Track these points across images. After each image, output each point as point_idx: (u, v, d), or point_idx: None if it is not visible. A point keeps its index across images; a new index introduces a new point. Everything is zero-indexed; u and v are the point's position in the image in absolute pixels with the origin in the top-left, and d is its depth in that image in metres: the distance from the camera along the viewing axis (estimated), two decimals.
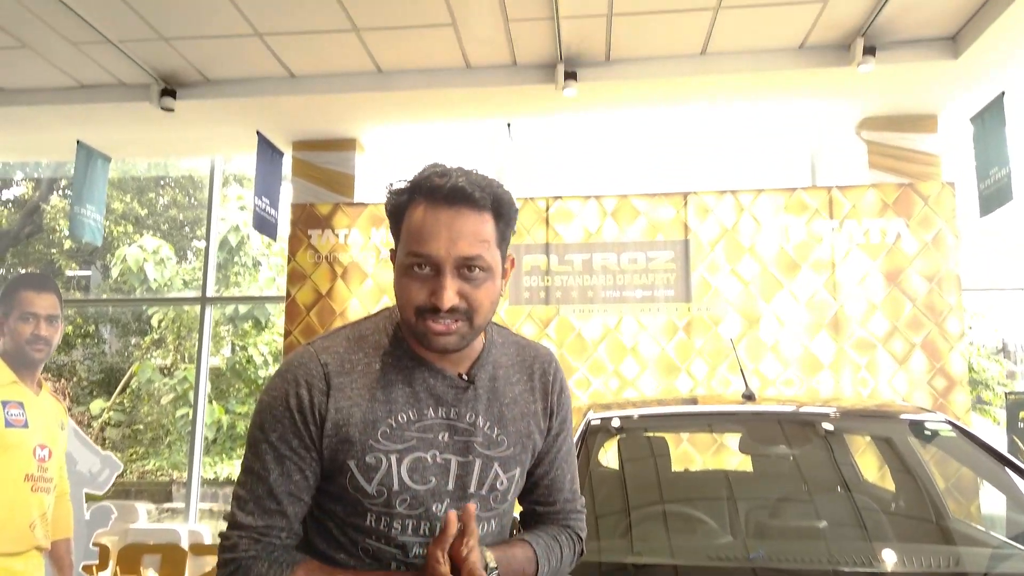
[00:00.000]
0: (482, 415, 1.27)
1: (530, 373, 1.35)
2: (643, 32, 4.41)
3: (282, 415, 1.19)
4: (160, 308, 11.19)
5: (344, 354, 1.24)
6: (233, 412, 11.08)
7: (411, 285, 1.18)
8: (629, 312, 5.13)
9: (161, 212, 13.40)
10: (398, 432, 1.21)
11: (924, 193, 5.00)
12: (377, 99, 4.99)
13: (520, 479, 1.33)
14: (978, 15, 4.19)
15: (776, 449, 2.31)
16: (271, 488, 1.18)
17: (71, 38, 4.45)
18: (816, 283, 5.01)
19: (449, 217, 1.16)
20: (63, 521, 2.62)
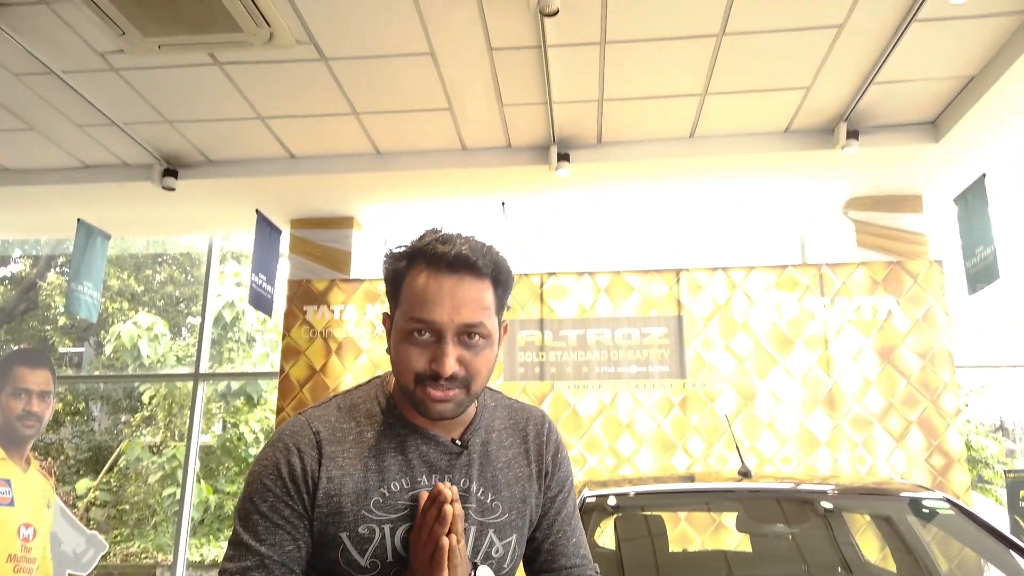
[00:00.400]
0: (476, 481, 1.24)
1: (523, 436, 1.33)
2: (633, 116, 4.56)
3: (274, 484, 1.16)
4: (152, 385, 11.10)
5: (336, 423, 1.22)
6: (222, 491, 10.84)
7: (411, 351, 1.16)
8: (624, 388, 5.11)
9: (157, 289, 13.44)
10: (391, 501, 1.18)
11: (913, 271, 5.07)
12: (375, 179, 5.11)
13: (518, 547, 1.29)
14: (956, 101, 4.36)
15: (774, 528, 2.27)
16: (262, 559, 1.14)
17: (77, 121, 4.58)
18: (810, 359, 5.02)
19: (452, 284, 1.15)
20: None
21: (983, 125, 4.34)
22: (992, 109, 4.17)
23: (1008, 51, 3.82)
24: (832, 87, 4.24)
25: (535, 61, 3.97)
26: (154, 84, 4.20)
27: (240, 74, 4.10)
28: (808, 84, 4.22)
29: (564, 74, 4.09)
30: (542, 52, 3.83)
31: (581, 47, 3.87)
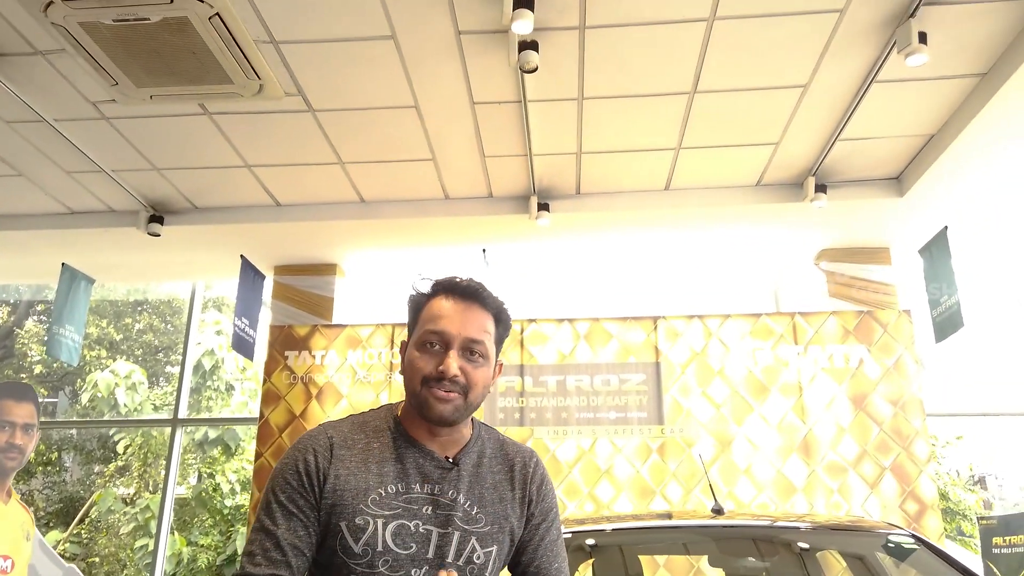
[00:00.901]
0: (463, 494, 1.41)
1: (511, 465, 1.51)
2: (610, 168, 4.72)
3: (292, 477, 1.37)
4: (127, 434, 10.93)
5: (348, 433, 1.45)
6: (195, 544, 10.61)
7: (422, 358, 1.41)
8: (603, 434, 5.16)
9: (136, 337, 13.35)
10: (386, 500, 1.37)
11: (883, 320, 5.22)
12: (359, 226, 5.21)
13: (498, 559, 1.43)
14: (918, 157, 4.57)
15: (746, 562, 2.32)
16: (278, 541, 1.33)
17: (66, 167, 4.66)
18: (785, 406, 5.11)
19: (463, 308, 1.43)
20: None
21: (944, 180, 4.53)
22: (952, 165, 4.37)
23: (964, 111, 4.03)
24: (800, 143, 4.43)
25: (516, 115, 4.13)
26: (144, 132, 4.30)
27: (229, 124, 4.22)
28: (777, 140, 4.41)
29: (544, 128, 4.25)
30: (522, 107, 3.99)
31: (560, 102, 4.03)
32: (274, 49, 3.58)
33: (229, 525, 11.17)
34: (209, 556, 10.78)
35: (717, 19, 3.41)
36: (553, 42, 3.51)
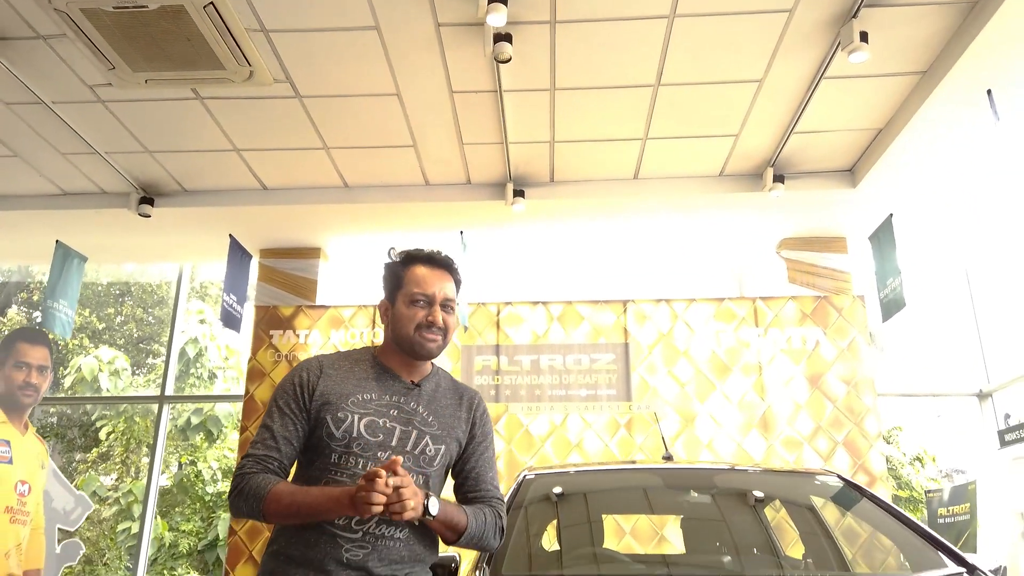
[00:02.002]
0: (422, 406, 1.88)
1: (461, 395, 1.99)
2: (582, 157, 4.99)
3: (289, 388, 1.84)
4: (109, 421, 11.06)
5: (335, 360, 1.92)
6: (177, 529, 10.76)
7: (415, 311, 1.87)
8: (574, 410, 5.43)
9: (118, 327, 13.45)
10: (362, 404, 1.82)
11: (838, 305, 5.54)
12: (343, 211, 5.44)
13: (445, 455, 1.87)
14: (869, 150, 4.88)
15: (690, 496, 2.61)
16: (273, 432, 1.80)
17: (61, 149, 4.86)
18: (746, 385, 5.41)
19: (439, 275, 1.92)
20: (36, 552, 2.76)
21: (893, 171, 4.85)
22: (899, 157, 4.69)
23: (908, 106, 4.35)
24: (758, 136, 4.73)
25: (492, 104, 4.39)
26: (138, 116, 4.52)
27: (219, 108, 4.44)
28: (736, 132, 4.70)
29: (519, 116, 4.51)
30: (498, 96, 4.25)
31: (533, 92, 4.30)
32: (264, 37, 3.82)
33: (211, 512, 11.33)
34: (190, 541, 10.93)
35: (677, 16, 3.69)
36: (526, 35, 3.77)
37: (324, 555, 1.68)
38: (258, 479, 1.71)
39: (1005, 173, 4.70)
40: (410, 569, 1.75)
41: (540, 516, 2.58)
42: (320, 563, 1.68)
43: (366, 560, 1.69)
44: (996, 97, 3.79)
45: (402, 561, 1.73)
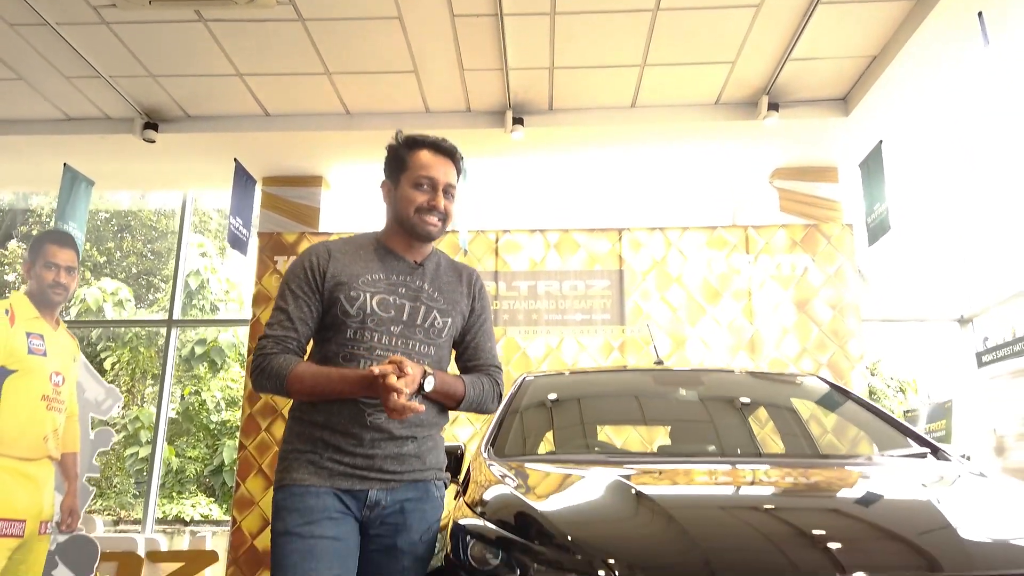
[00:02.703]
0: (427, 283, 1.99)
1: (460, 274, 2.09)
2: (581, 84, 5.07)
3: (300, 272, 1.94)
4: (114, 351, 11.29)
5: (341, 245, 2.01)
6: (184, 456, 11.11)
7: (417, 194, 1.94)
8: (570, 334, 5.63)
9: (119, 262, 13.58)
10: (372, 283, 1.93)
11: (827, 233, 5.69)
12: (344, 138, 5.53)
13: (452, 327, 1.99)
14: (862, 78, 4.97)
15: (679, 393, 2.81)
16: (289, 314, 1.91)
17: (65, 72, 4.91)
18: (735, 310, 5.60)
19: (443, 161, 1.98)
20: (71, 437, 2.98)
21: (885, 100, 4.95)
22: (892, 85, 4.78)
23: (902, 32, 4.42)
24: (754, 63, 4.81)
25: (493, 29, 4.45)
26: (141, 38, 4.56)
27: (222, 31, 4.49)
28: (733, 59, 4.77)
29: (519, 42, 4.57)
30: (499, 20, 4.31)
31: (533, 16, 4.36)
32: None
33: (215, 439, 11.68)
34: (197, 467, 11.31)
35: None
36: None
37: (349, 420, 1.83)
38: (279, 359, 1.83)
39: (992, 98, 4.80)
40: (428, 432, 1.92)
41: (539, 411, 2.78)
42: (346, 427, 1.82)
43: (389, 422, 1.83)
44: (987, 19, 3.86)
45: (421, 424, 1.88)
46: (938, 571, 1.34)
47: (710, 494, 1.85)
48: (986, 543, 1.45)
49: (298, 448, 1.85)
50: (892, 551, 1.42)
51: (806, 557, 1.40)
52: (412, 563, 1.82)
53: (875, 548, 1.44)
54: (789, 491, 1.85)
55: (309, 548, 1.72)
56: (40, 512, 2.74)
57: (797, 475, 1.99)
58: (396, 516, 1.83)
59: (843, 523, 1.54)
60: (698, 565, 1.37)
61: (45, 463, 2.77)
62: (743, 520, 1.60)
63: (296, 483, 1.80)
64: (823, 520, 1.57)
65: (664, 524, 1.53)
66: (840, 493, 1.84)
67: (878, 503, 1.72)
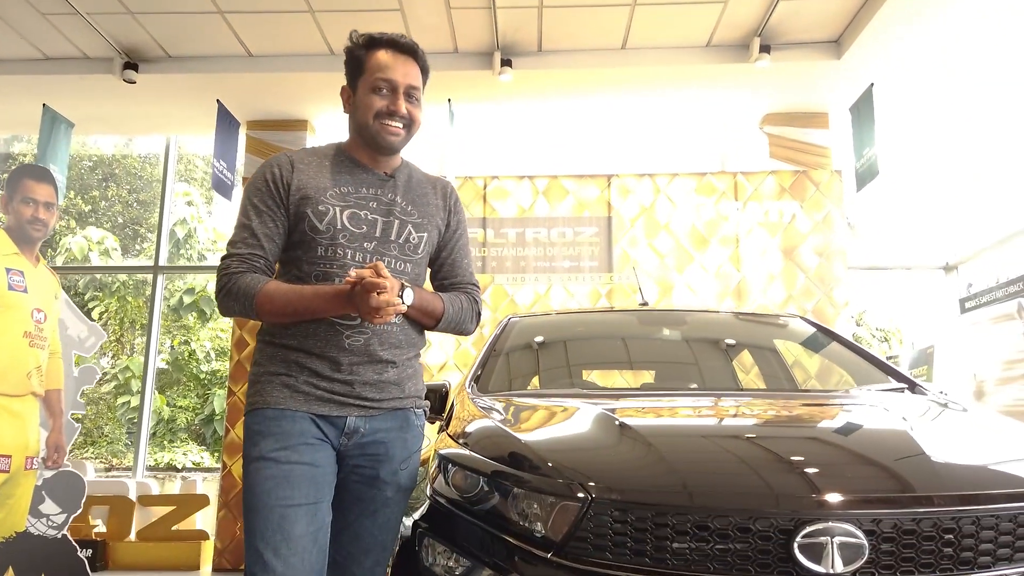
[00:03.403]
0: (400, 196, 1.85)
1: (435, 186, 1.95)
2: (570, 25, 4.97)
3: (261, 185, 1.77)
4: (102, 300, 11.25)
5: (304, 155, 1.84)
6: (174, 405, 11.18)
7: (375, 98, 1.76)
8: (558, 281, 5.64)
9: (104, 210, 13.43)
10: (341, 196, 1.78)
11: (816, 180, 5.68)
12: (329, 80, 5.41)
13: (428, 243, 1.87)
14: (855, 20, 4.89)
15: (663, 332, 2.83)
16: (253, 230, 1.75)
17: (40, 8, 4.76)
18: (723, 256, 5.61)
19: (403, 61, 1.79)
20: (55, 374, 2.98)
21: (878, 42, 4.88)
22: (885, 27, 4.71)
23: None
24: (745, 3, 4.71)
25: None
26: None
27: None
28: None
29: None
30: None
31: None
32: None
33: (206, 389, 11.74)
34: (188, 416, 11.39)
35: None
36: None
37: (325, 343, 1.71)
38: (246, 278, 1.68)
39: (982, 44, 4.75)
40: (407, 355, 1.82)
41: (524, 350, 2.80)
42: (322, 349, 1.71)
43: (367, 344, 1.73)
44: None
45: (400, 346, 1.78)
46: (908, 492, 1.37)
47: (688, 423, 1.87)
48: (953, 464, 1.48)
49: (271, 370, 1.73)
50: (863, 475, 1.45)
51: (779, 480, 1.42)
52: (394, 493, 1.76)
53: (847, 472, 1.47)
54: (766, 421, 1.87)
55: (284, 474, 1.63)
56: (26, 447, 2.75)
57: (775, 406, 2.02)
58: (376, 446, 1.75)
59: (816, 448, 1.56)
60: (674, 487, 1.39)
61: (29, 399, 2.77)
62: (719, 447, 1.62)
63: (270, 405, 1.68)
64: (797, 446, 1.59)
65: (641, 449, 1.55)
66: (815, 421, 1.86)
67: (851, 430, 1.75)
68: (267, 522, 1.59)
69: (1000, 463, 1.52)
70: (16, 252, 2.78)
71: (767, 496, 1.36)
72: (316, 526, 1.64)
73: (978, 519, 1.32)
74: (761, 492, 1.38)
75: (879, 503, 1.31)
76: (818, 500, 1.32)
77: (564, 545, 1.39)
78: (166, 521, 5.37)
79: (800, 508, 1.31)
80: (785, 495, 1.35)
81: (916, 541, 1.30)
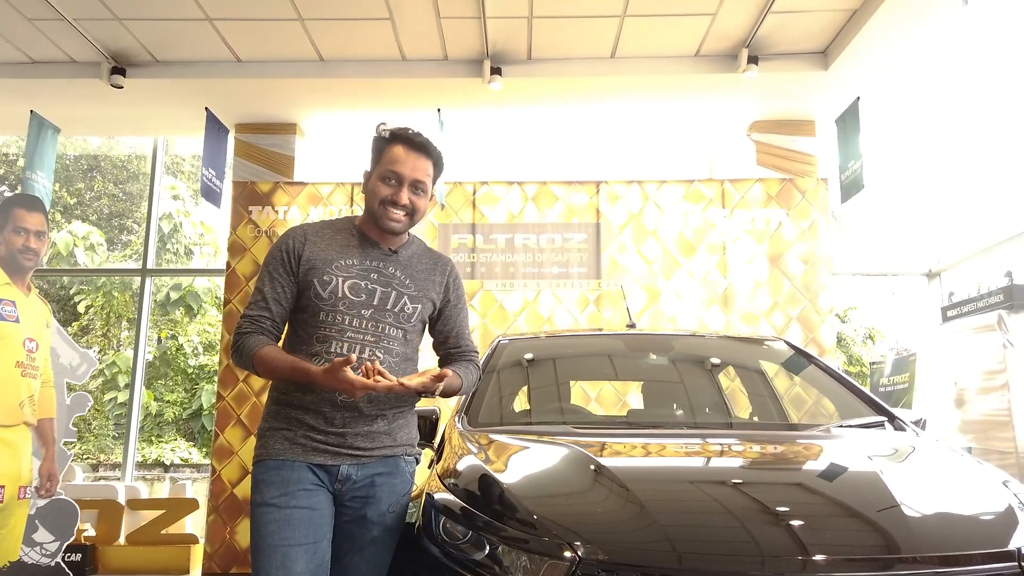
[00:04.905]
0: (400, 271, 2.06)
1: (435, 263, 2.15)
2: (560, 34, 4.98)
3: (277, 255, 2.02)
4: (87, 295, 11.19)
5: (319, 228, 2.08)
6: (162, 400, 11.16)
7: (383, 187, 2.00)
8: (546, 287, 5.68)
9: (90, 203, 13.33)
10: (345, 268, 2.00)
11: (802, 187, 5.73)
12: (318, 86, 5.42)
13: (422, 313, 2.05)
14: (842, 32, 4.93)
15: (649, 357, 2.88)
16: (264, 295, 1.99)
17: (27, 14, 4.73)
18: (710, 263, 5.67)
19: (414, 157, 2.00)
20: (47, 403, 3.00)
21: (864, 54, 4.93)
22: (872, 39, 4.75)
23: None
24: (735, 15, 4.74)
25: None
26: None
27: None
28: (714, 11, 4.71)
29: None
30: None
31: None
32: None
33: (193, 383, 11.73)
34: (175, 411, 11.38)
35: None
36: None
37: (319, 399, 1.91)
38: (251, 340, 1.92)
39: (968, 58, 4.81)
40: (397, 408, 1.99)
41: (513, 374, 2.84)
42: (317, 406, 1.91)
43: (358, 402, 1.91)
44: None
45: (389, 404, 1.97)
46: (890, 553, 1.42)
47: (673, 470, 1.93)
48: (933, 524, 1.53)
49: (274, 426, 1.94)
50: (846, 537, 1.49)
51: (765, 543, 1.47)
52: (381, 532, 1.93)
53: (831, 534, 1.50)
54: (752, 470, 1.93)
55: (285, 518, 1.82)
56: (19, 477, 2.77)
57: (760, 452, 2.07)
58: (366, 489, 1.92)
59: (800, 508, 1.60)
60: (661, 549, 1.44)
61: (22, 429, 2.79)
62: (704, 501, 1.66)
63: (272, 457, 1.89)
64: (782, 503, 1.63)
65: (628, 504, 1.60)
66: (799, 473, 1.91)
67: (835, 487, 1.80)
68: (271, 561, 1.79)
69: (970, 521, 1.58)
70: (7, 282, 2.79)
71: (753, 559, 1.40)
72: (316, 563, 1.83)
73: None
74: (747, 553, 1.43)
75: (861, 566, 1.37)
76: (803, 562, 1.37)
77: None
78: (156, 525, 5.40)
79: (784, 571, 1.36)
80: (770, 557, 1.40)
81: None
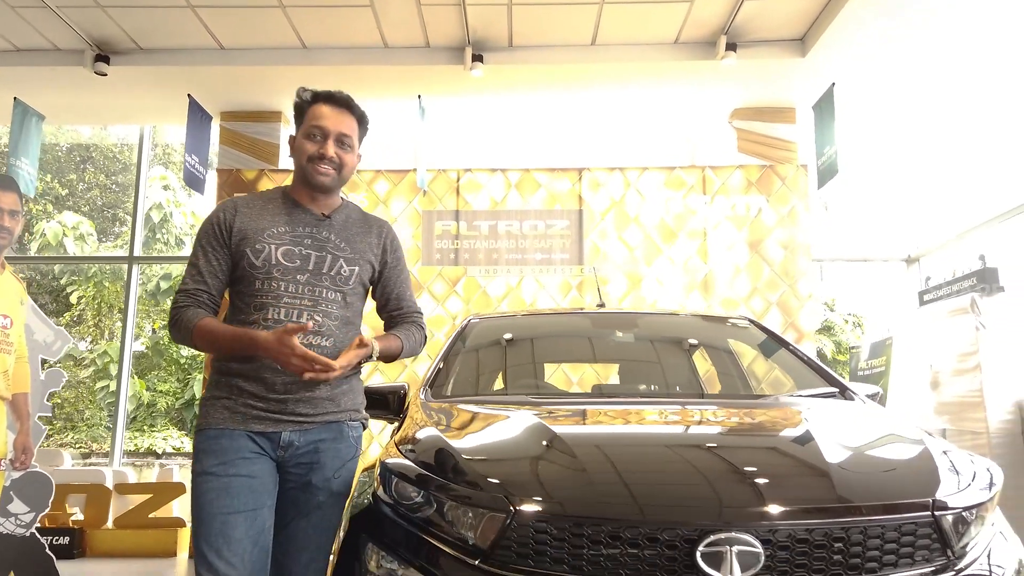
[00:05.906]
0: (333, 234, 2.04)
1: (371, 225, 2.15)
2: (541, 21, 5.02)
3: (208, 229, 2.01)
4: (79, 286, 11.24)
5: (249, 199, 2.08)
6: (154, 389, 11.22)
7: (308, 144, 2.00)
8: (529, 273, 5.74)
9: (81, 194, 13.36)
10: (277, 235, 1.99)
11: (782, 174, 5.79)
12: (302, 73, 5.45)
13: (359, 275, 2.05)
14: (819, 19, 4.98)
15: (616, 334, 2.94)
16: (199, 268, 1.99)
17: (10, 1, 4.76)
18: (690, 249, 5.73)
19: (338, 112, 2.02)
20: (22, 378, 3.05)
21: (841, 41, 4.98)
22: (849, 26, 4.81)
23: None
24: (712, 2, 4.79)
25: None
26: None
27: None
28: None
29: None
30: None
31: None
32: None
33: (186, 373, 11.79)
34: (168, 400, 11.45)
35: None
36: None
37: (260, 367, 1.89)
38: (188, 313, 1.92)
39: (944, 45, 4.86)
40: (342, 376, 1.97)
41: (482, 350, 2.90)
42: (258, 373, 1.89)
43: None
44: None
45: None
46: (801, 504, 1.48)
47: (613, 434, 1.98)
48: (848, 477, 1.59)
49: (215, 395, 1.93)
50: (763, 488, 1.53)
51: (686, 493, 1.53)
52: (327, 498, 1.94)
53: (749, 486, 1.54)
54: (686, 432, 1.99)
55: (224, 486, 1.82)
56: None
57: (700, 416, 2.13)
58: (311, 455, 1.92)
59: (723, 463, 1.65)
60: (589, 500, 1.50)
61: None
62: (636, 460, 1.72)
63: (211, 426, 1.89)
64: (706, 460, 1.67)
65: (565, 462, 1.66)
66: (731, 434, 1.97)
67: (764, 443, 1.86)
68: (210, 528, 1.80)
69: (893, 475, 1.64)
70: None
71: (674, 508, 1.47)
72: (256, 530, 1.83)
73: (865, 529, 1.44)
74: (669, 504, 1.49)
75: (774, 515, 1.43)
76: (719, 512, 1.43)
77: (491, 553, 1.50)
78: (143, 509, 5.46)
79: (703, 519, 1.43)
80: (690, 507, 1.46)
81: (808, 549, 1.42)
